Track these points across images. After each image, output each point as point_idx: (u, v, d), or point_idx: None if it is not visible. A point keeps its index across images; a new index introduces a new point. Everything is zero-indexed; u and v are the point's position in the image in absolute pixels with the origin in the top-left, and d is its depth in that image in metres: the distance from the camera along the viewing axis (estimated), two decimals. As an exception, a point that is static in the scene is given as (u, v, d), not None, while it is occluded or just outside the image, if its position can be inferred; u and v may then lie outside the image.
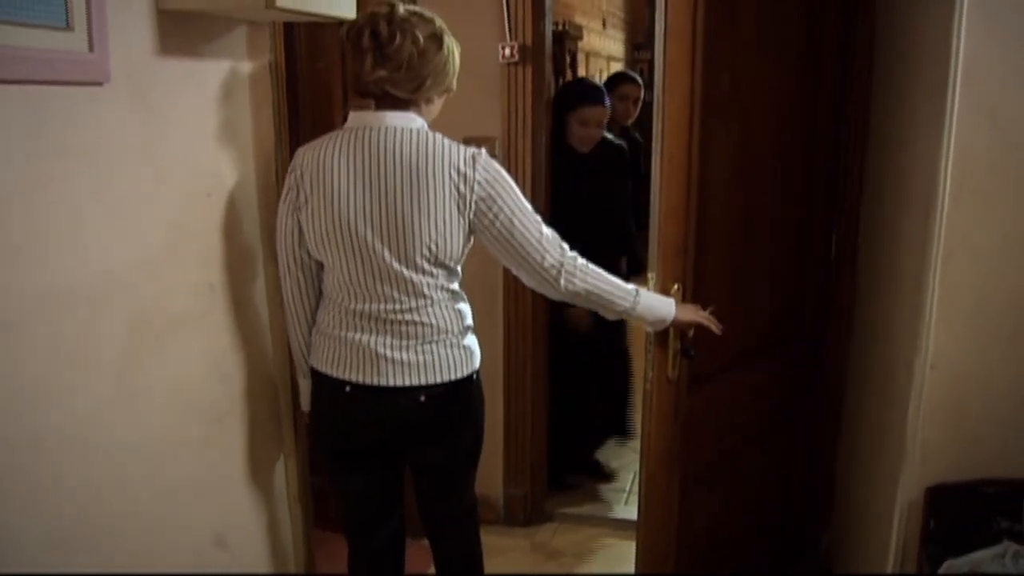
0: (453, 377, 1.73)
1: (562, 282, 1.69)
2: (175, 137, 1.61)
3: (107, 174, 1.44)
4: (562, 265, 1.69)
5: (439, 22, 1.67)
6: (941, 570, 1.69)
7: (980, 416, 1.70)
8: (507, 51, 2.71)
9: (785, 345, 2.51)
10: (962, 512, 1.77)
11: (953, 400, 1.74)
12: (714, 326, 1.88)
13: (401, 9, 1.63)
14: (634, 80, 3.83)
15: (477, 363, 1.81)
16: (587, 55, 6.36)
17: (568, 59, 5.17)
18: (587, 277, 1.72)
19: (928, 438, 1.78)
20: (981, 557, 1.69)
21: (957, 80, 1.64)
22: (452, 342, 1.73)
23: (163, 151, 1.58)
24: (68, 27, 1.34)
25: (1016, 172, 1.66)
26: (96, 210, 1.43)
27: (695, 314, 1.87)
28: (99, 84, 1.41)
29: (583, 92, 3.07)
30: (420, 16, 1.65)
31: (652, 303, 1.80)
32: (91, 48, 1.38)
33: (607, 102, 3.03)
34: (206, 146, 1.71)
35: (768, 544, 2.69)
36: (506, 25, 2.71)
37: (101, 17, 1.39)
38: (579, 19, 5.99)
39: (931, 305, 1.74)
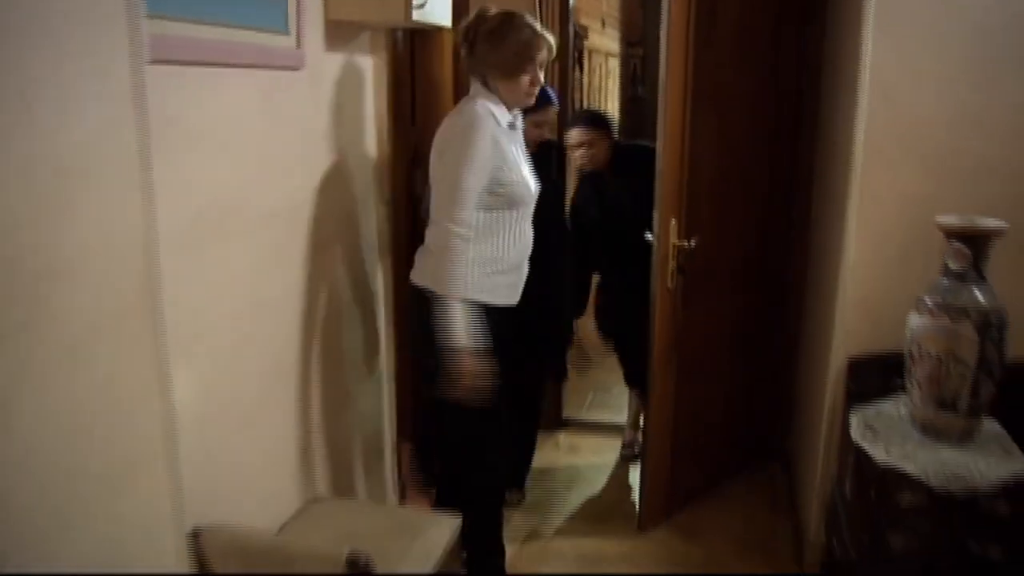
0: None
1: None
2: (331, 105, 2.36)
3: (300, 126, 2.19)
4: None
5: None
6: (853, 415, 2.45)
7: (883, 306, 2.45)
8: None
9: (758, 279, 3.29)
10: (872, 375, 2.52)
11: (865, 296, 2.50)
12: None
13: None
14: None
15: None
16: (589, 52, 7.10)
17: (576, 55, 5.90)
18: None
19: (849, 324, 2.54)
20: (882, 405, 2.44)
21: (866, 77, 2.40)
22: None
23: (325, 112, 2.33)
24: (287, 32, 2.08)
25: (905, 139, 2.41)
26: (297, 148, 2.18)
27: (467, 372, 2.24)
28: (298, 69, 2.15)
29: (540, 97, 3.32)
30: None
31: (456, 320, 2.21)
32: (298, 46, 2.12)
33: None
34: (348, 110, 2.46)
35: (740, 439, 3.47)
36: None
37: (302, 26, 2.13)
38: (584, 20, 6.73)
39: (852, 234, 2.50)
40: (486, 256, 2.31)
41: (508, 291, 2.40)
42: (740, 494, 3.33)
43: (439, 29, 2.64)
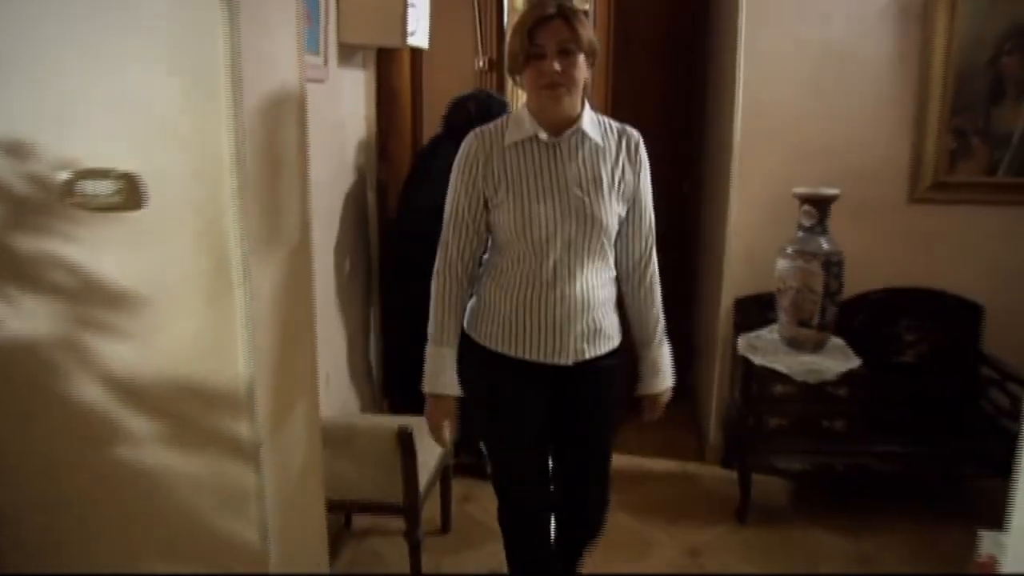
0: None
1: None
2: (342, 108, 3.01)
3: (325, 126, 2.83)
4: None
5: None
6: (740, 338, 3.28)
7: (758, 256, 3.28)
8: (480, 63, 4.17)
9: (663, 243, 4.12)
10: (752, 311, 3.37)
11: (745, 249, 3.35)
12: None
13: None
14: None
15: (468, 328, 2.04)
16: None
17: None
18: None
19: (733, 271, 3.38)
20: (760, 331, 3.28)
21: (740, 88, 3.24)
22: None
23: (339, 114, 2.97)
24: (318, 53, 2.72)
25: (769, 132, 3.26)
26: (320, 141, 2.82)
27: None
28: (323, 82, 2.79)
29: (501, 105, 3.20)
30: None
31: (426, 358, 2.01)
32: (325, 64, 2.77)
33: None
34: (352, 113, 3.11)
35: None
36: (479, 43, 4.17)
37: (327, 48, 2.78)
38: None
39: (734, 203, 3.34)
40: (482, 290, 2.02)
41: (510, 338, 1.96)
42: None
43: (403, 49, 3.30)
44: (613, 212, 1.92)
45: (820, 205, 2.99)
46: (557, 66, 1.80)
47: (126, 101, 1.63)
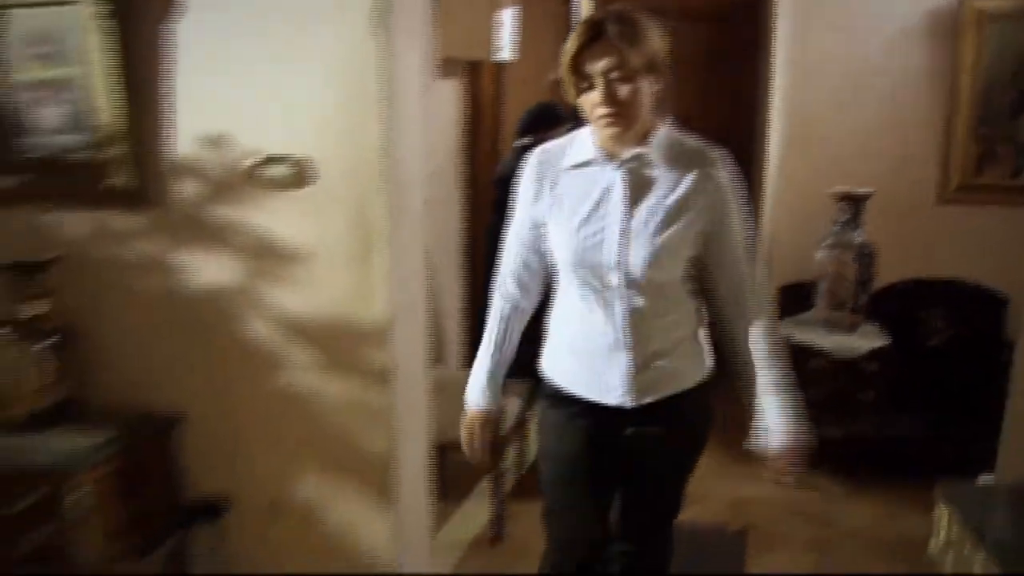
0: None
1: None
2: (440, 114, 3.50)
3: (434, 120, 3.33)
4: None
5: None
6: (783, 322, 3.68)
7: (795, 254, 3.69)
8: (553, 74, 4.65)
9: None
10: (795, 297, 3.77)
11: (787, 242, 3.75)
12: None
13: None
14: None
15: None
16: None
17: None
18: None
19: (778, 262, 3.79)
20: (800, 315, 3.68)
21: (776, 91, 3.65)
22: None
23: (436, 118, 3.47)
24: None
25: (810, 139, 3.67)
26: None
27: None
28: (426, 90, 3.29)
29: (543, 116, 3.27)
30: None
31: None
32: (428, 75, 3.27)
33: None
34: (445, 118, 3.61)
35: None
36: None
37: (431, 61, 3.28)
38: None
39: (769, 200, 3.75)
40: (549, 321, 1.89)
41: (570, 375, 1.83)
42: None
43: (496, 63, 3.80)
44: (682, 243, 1.69)
45: (854, 203, 3.39)
46: (606, 103, 1.60)
47: (297, 104, 2.14)
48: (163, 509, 2.36)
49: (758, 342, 1.78)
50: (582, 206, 1.71)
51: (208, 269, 2.24)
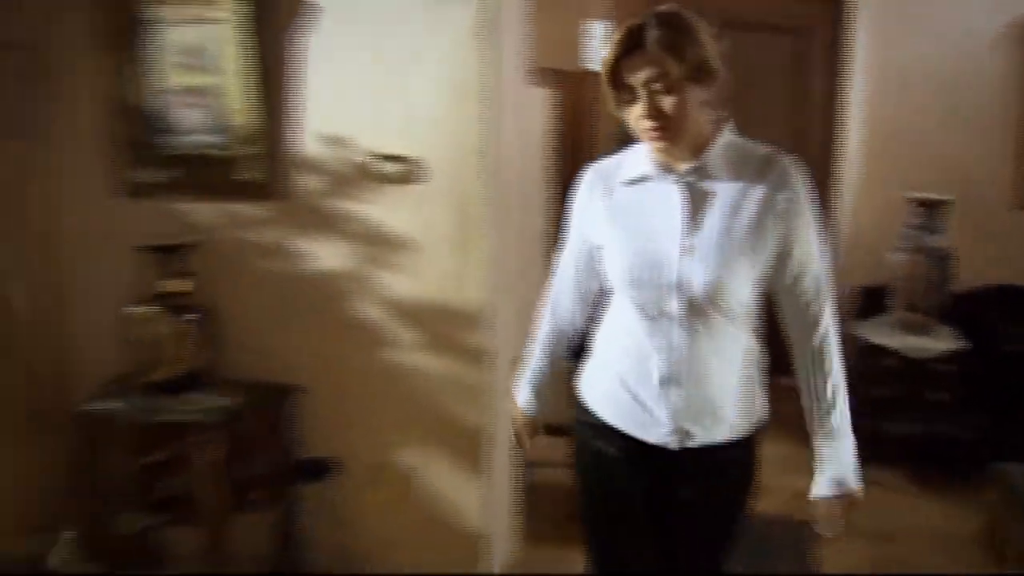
0: None
1: None
2: (532, 114, 3.73)
3: (528, 125, 3.56)
4: None
5: None
6: (857, 323, 3.78)
7: (874, 257, 3.78)
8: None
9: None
10: (872, 298, 3.87)
11: (863, 246, 3.85)
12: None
13: None
14: None
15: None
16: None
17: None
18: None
19: (854, 264, 3.89)
20: (876, 317, 3.78)
21: (863, 108, 3.76)
22: None
23: (531, 117, 3.70)
24: (516, 75, 3.45)
25: (888, 148, 3.76)
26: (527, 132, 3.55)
27: None
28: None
29: None
30: None
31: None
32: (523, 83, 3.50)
33: None
34: (539, 118, 3.83)
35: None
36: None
37: (526, 71, 3.51)
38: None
39: (846, 203, 3.86)
40: (594, 344, 1.78)
41: (611, 404, 1.68)
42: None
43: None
44: (747, 266, 1.52)
45: (930, 208, 3.48)
46: (650, 116, 1.48)
47: (409, 109, 2.39)
48: (279, 468, 2.64)
49: (816, 382, 1.62)
50: (639, 224, 1.58)
51: (326, 255, 2.51)
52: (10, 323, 2.66)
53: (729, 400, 1.61)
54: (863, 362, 3.61)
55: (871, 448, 3.60)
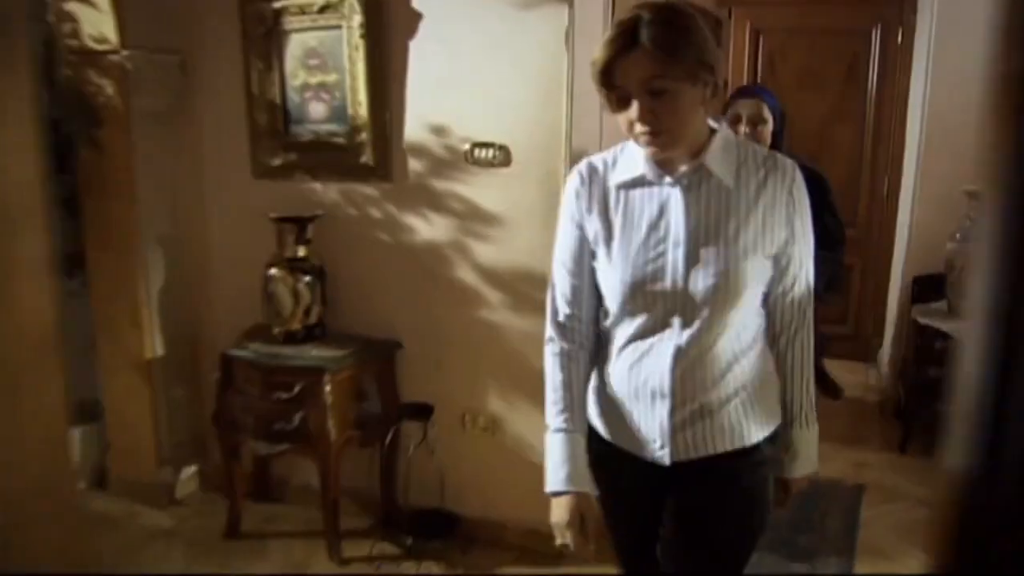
0: None
1: None
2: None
3: (608, 116, 3.92)
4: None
5: None
6: (914, 309, 4.00)
7: (933, 242, 3.99)
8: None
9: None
10: (927, 287, 4.09)
11: (922, 237, 4.07)
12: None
13: None
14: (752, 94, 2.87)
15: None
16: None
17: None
18: None
19: (912, 254, 4.11)
20: (931, 304, 4.00)
21: (926, 106, 3.98)
22: None
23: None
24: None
25: (948, 141, 3.97)
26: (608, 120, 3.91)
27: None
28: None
29: (738, 88, 3.04)
30: None
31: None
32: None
33: (766, 97, 2.78)
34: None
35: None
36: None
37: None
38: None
39: (916, 199, 4.08)
40: (597, 361, 1.64)
41: (608, 420, 1.61)
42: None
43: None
44: (748, 271, 1.45)
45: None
46: (644, 121, 1.38)
47: (501, 102, 2.78)
48: (383, 410, 3.07)
49: (794, 376, 1.59)
50: (637, 230, 1.48)
51: (427, 228, 2.93)
52: (170, 280, 3.18)
53: (731, 408, 1.51)
54: (921, 345, 3.85)
55: (924, 423, 3.87)
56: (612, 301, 1.53)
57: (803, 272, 1.54)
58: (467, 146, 2.82)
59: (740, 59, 5.11)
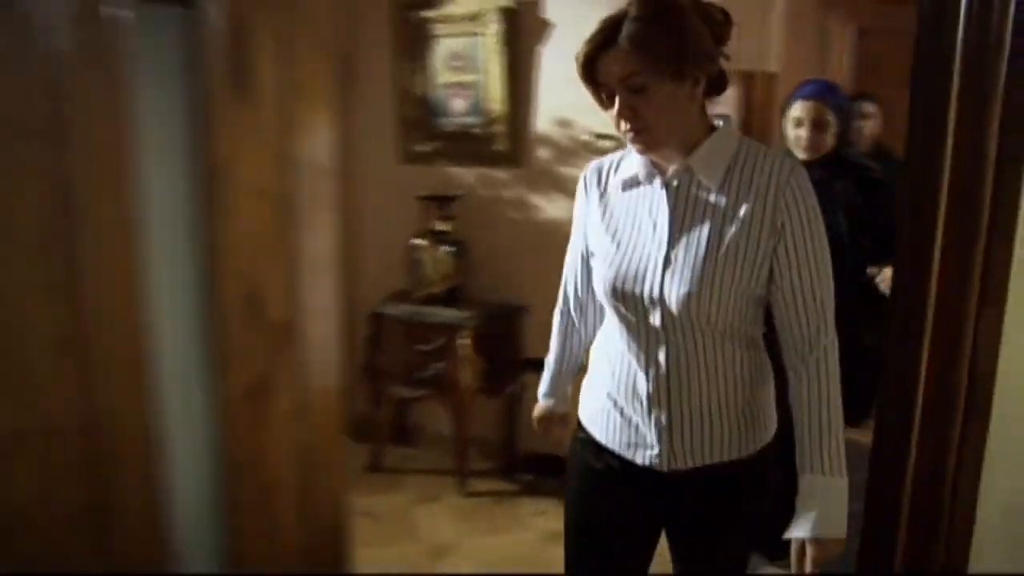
0: None
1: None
2: (719, 110, 4.45)
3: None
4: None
5: None
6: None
7: None
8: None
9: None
10: None
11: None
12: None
13: None
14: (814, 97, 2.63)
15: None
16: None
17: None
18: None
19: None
20: None
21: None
22: None
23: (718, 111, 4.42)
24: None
25: None
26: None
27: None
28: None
29: (799, 87, 2.73)
30: None
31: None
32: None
33: (827, 98, 2.59)
34: (721, 107, 4.54)
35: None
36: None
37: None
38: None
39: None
40: (592, 352, 1.68)
41: (602, 423, 1.58)
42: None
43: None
44: (737, 279, 1.38)
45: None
46: (624, 118, 1.38)
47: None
48: (510, 365, 3.54)
49: (810, 404, 1.41)
50: (623, 231, 1.46)
51: (552, 208, 3.37)
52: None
53: (724, 416, 1.47)
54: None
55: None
56: (602, 300, 1.52)
57: (806, 286, 1.40)
58: (588, 137, 3.25)
59: (840, 60, 5.34)
